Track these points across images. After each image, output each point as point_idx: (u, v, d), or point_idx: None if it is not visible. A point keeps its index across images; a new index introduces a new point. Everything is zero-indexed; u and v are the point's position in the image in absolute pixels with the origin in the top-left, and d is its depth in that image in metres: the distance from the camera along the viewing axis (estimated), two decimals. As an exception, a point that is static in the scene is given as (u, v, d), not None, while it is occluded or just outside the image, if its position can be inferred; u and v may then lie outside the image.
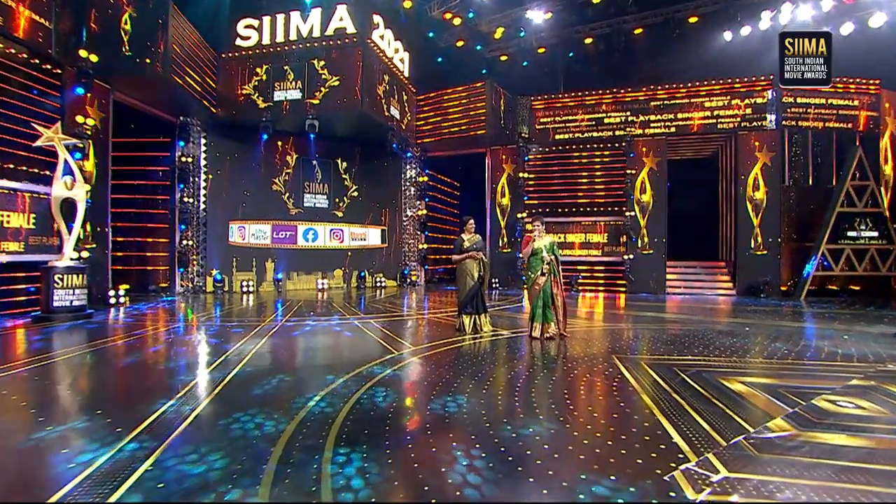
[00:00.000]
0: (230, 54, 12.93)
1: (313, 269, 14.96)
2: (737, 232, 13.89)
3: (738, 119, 13.77)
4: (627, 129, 14.72)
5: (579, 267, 15.06)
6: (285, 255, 14.46)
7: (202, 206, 13.62)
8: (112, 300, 10.16)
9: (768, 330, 7.47)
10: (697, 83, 14.15)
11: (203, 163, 13.61)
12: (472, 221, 7.33)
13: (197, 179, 13.51)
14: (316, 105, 12.22)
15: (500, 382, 4.35)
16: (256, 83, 12.71)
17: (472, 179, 18.15)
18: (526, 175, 15.65)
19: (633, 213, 14.34)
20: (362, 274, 15.79)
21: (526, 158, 15.65)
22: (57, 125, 8.28)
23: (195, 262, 13.52)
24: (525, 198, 15.63)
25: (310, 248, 14.91)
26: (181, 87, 11.14)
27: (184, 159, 12.97)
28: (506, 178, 15.93)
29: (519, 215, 15.53)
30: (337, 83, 12.12)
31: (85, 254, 9.24)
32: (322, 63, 12.24)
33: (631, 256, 14.29)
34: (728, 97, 13.87)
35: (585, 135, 15.21)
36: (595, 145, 15.11)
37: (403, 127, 14.85)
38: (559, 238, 15.35)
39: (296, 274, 14.56)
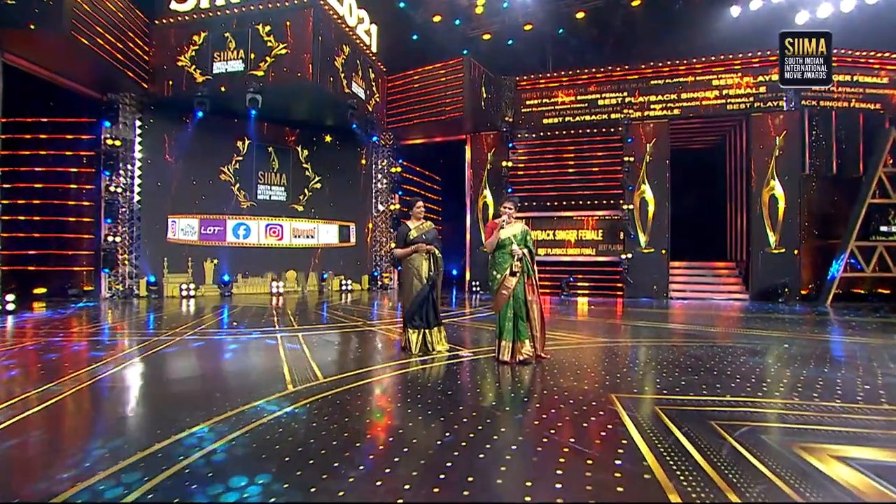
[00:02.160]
0: (164, 20, 11.09)
1: (265, 271, 13.06)
2: (749, 228, 12.18)
3: (751, 99, 12.09)
4: (625, 111, 13.01)
5: (571, 268, 13.29)
6: (235, 255, 12.56)
7: (136, 197, 11.76)
8: (-3, 307, 8.28)
9: (815, 348, 5.69)
10: (703, 59, 12.46)
11: (138, 147, 11.76)
12: (420, 204, 5.54)
13: (130, 167, 11.66)
14: (259, 77, 10.40)
15: (430, 462, 2.54)
16: (193, 53, 10.88)
17: (454, 171, 16.36)
18: (510, 164, 13.88)
19: (631, 207, 12.59)
20: (324, 276, 13.93)
21: (510, 145, 13.88)
22: None
23: (126, 262, 11.64)
24: (509, 189, 13.84)
25: (256, 246, 12.95)
26: (96, 53, 9.30)
27: (109, 142, 11.10)
28: (488, 168, 14.15)
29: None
30: (284, 51, 10.31)
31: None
32: (267, 28, 10.43)
33: (629, 256, 12.53)
34: (738, 74, 12.19)
35: (577, 118, 13.49)
36: (588, 130, 13.37)
37: (370, 108, 13.06)
38: (547, 235, 13.59)
39: (240, 276, 12.64)
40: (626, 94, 13.10)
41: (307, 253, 13.74)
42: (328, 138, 14.00)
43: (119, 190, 11.27)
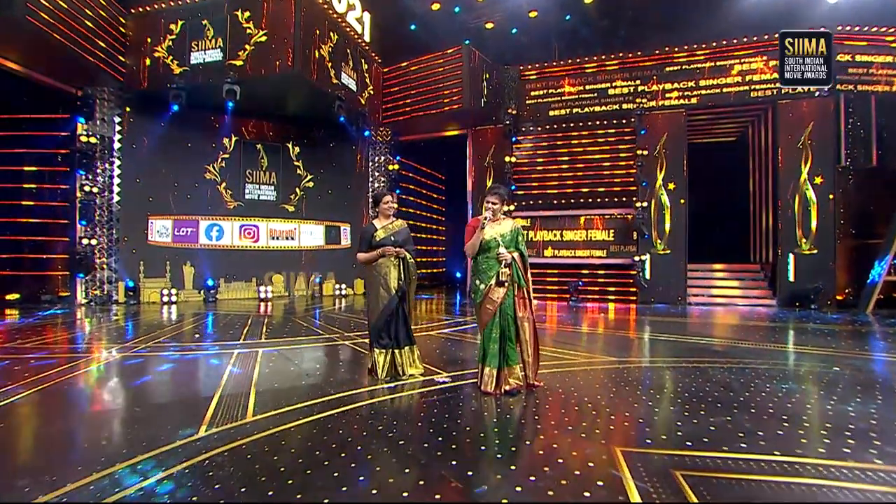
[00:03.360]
0: (140, 9, 10.42)
1: (249, 275, 12.27)
2: (775, 227, 11.06)
3: (778, 85, 10.88)
4: (638, 100, 11.97)
5: (579, 271, 12.28)
6: (217, 258, 11.81)
7: (116, 197, 11.09)
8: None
9: (872, 372, 4.68)
10: (724, 42, 11.37)
11: (117, 145, 11.09)
12: (388, 198, 4.65)
13: (108, 165, 11.00)
14: (238, 67, 9.63)
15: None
16: (170, 43, 10.17)
17: (458, 168, 15.45)
18: (514, 160, 12.93)
19: (645, 205, 11.55)
20: (318, 280, 13.13)
21: (514, 140, 12.94)
22: None
23: (104, 266, 10.97)
24: (513, 187, 12.91)
25: (237, 248, 12.12)
26: (59, 41, 8.60)
27: (84, 139, 10.44)
28: (491, 164, 13.23)
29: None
30: (264, 39, 9.52)
31: None
32: (247, 14, 9.66)
33: (643, 258, 11.49)
34: (763, 58, 11.07)
35: (586, 109, 12.48)
36: (598, 122, 12.36)
37: (363, 101, 12.24)
38: (554, 236, 12.62)
39: (223, 280, 11.86)
40: (638, 82, 12.07)
41: (294, 256, 12.91)
42: (321, 134, 13.19)
43: (95, 190, 10.60)
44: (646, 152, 11.62)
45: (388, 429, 3.11)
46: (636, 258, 11.50)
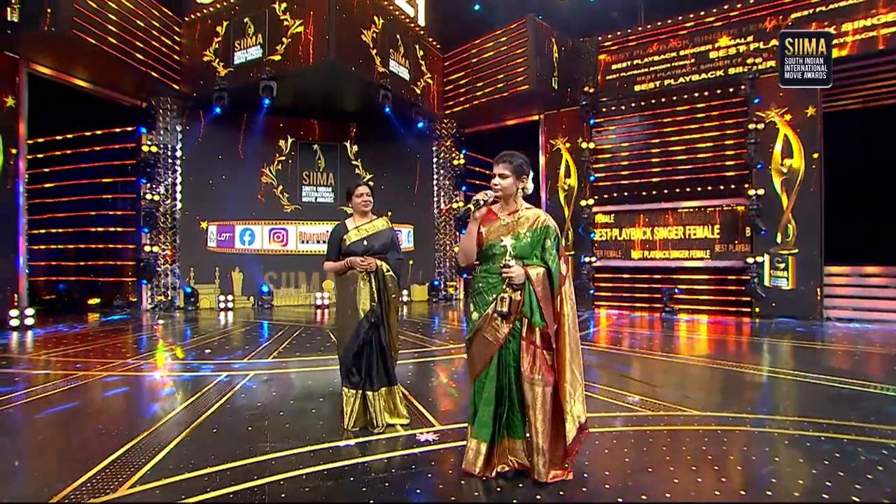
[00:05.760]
0: (193, 15, 10.40)
1: (299, 281, 11.81)
2: (964, 215, 8.02)
3: (966, 18, 7.95)
4: (749, 61, 9.50)
5: (675, 276, 10.11)
6: (266, 263, 11.52)
7: (178, 204, 11.28)
8: (15, 321, 7.95)
9: None
10: (880, -32, 8.54)
11: (179, 153, 11.28)
12: (363, 191, 3.51)
13: (171, 173, 11.22)
14: (277, 62, 9.09)
15: None
16: (217, 46, 9.98)
17: (533, 160, 13.78)
18: (592, 146, 11.05)
19: (761, 193, 9.06)
20: (375, 286, 12.36)
21: (591, 122, 11.06)
22: None
23: (169, 273, 11.19)
24: (592, 177, 11.05)
25: (291, 253, 11.69)
26: (107, 53, 8.59)
27: (146, 149, 10.68)
28: (567, 152, 11.50)
29: (583, 203, 10.98)
30: (300, 29, 8.87)
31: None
32: (283, 6, 9.10)
33: (760, 259, 9.03)
34: (944, -18, 8.10)
35: (681, 80, 10.25)
36: (696, 93, 10.05)
37: (418, 91, 11.21)
38: (644, 234, 10.54)
39: (272, 286, 11.49)
40: (751, 38, 9.58)
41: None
42: (379, 131, 12.37)
43: (157, 198, 10.80)
44: (761, 126, 9.13)
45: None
46: (750, 260, 9.06)
